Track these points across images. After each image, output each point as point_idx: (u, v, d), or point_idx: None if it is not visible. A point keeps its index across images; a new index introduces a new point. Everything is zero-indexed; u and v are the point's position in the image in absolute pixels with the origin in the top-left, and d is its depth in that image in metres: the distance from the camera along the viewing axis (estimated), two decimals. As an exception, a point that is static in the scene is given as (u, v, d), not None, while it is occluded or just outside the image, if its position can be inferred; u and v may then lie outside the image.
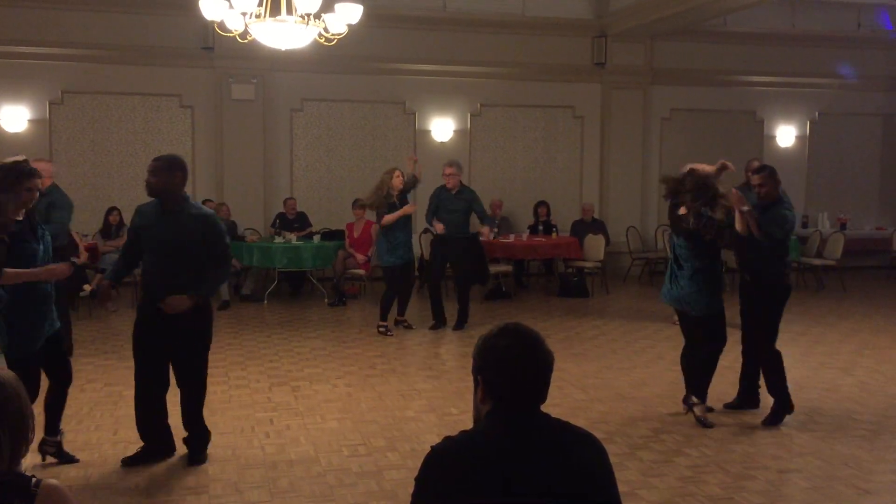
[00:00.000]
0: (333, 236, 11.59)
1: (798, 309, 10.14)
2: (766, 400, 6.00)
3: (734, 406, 6.12)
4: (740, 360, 6.22)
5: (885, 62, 14.83)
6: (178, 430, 5.05)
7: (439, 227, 9.05)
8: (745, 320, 6.05)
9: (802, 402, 6.21)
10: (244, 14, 7.53)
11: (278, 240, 11.07)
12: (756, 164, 9.59)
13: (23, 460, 2.11)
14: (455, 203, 9.04)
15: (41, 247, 4.59)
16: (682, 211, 5.68)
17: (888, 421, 5.94)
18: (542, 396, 2.12)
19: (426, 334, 8.95)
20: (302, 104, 12.79)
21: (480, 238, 9.75)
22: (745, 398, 6.14)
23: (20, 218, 4.47)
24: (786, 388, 5.85)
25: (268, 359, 7.76)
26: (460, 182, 9.13)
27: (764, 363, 5.91)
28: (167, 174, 4.76)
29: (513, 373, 2.07)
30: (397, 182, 8.73)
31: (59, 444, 4.94)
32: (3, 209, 4.30)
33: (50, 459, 4.92)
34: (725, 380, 6.42)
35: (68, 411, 5.51)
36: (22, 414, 2.02)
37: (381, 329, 8.81)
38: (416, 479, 2.06)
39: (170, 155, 5.00)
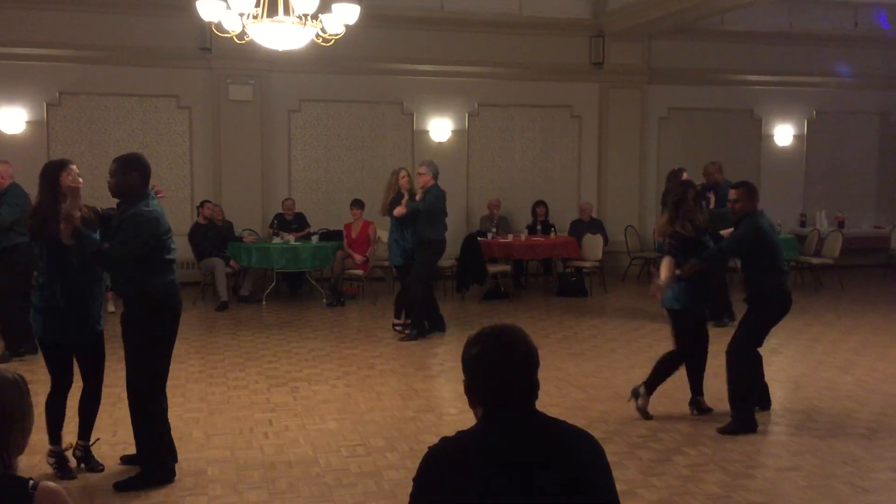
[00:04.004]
0: (331, 237, 11.59)
1: (796, 308, 10.01)
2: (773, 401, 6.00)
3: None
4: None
5: (882, 61, 14.83)
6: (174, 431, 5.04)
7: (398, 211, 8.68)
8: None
9: (800, 401, 6.22)
10: (241, 15, 7.53)
11: (276, 240, 11.06)
12: (713, 167, 9.57)
13: (20, 463, 2.08)
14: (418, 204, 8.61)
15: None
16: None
17: (886, 419, 5.94)
18: (533, 394, 2.12)
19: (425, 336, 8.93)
20: (300, 105, 12.78)
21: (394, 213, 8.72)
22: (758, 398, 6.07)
23: None
24: (752, 403, 5.66)
25: (266, 359, 7.76)
26: (433, 182, 8.70)
27: (731, 364, 5.67)
28: (122, 174, 4.71)
29: (494, 379, 2.08)
30: (402, 182, 8.73)
31: (86, 448, 4.92)
32: None
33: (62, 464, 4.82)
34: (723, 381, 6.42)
35: (67, 412, 5.52)
36: (8, 414, 1.99)
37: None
38: (414, 480, 2.07)
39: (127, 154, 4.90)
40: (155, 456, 4.67)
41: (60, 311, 4.69)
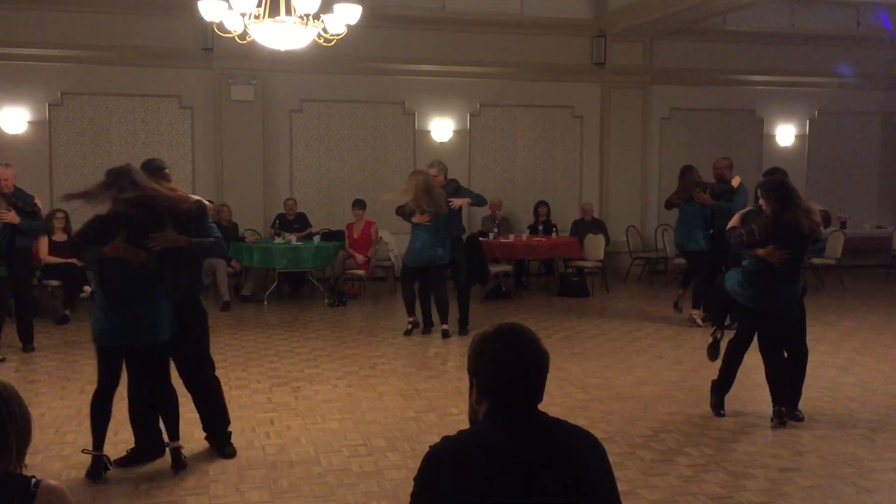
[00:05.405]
0: (333, 237, 11.60)
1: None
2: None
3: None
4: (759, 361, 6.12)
5: (885, 61, 14.82)
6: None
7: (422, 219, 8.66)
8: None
9: (802, 402, 6.20)
10: (243, 15, 7.54)
11: (278, 240, 11.07)
12: (724, 162, 9.51)
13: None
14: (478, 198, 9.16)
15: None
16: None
17: (888, 419, 5.93)
18: (538, 397, 2.13)
19: (426, 336, 8.93)
20: (301, 105, 12.79)
21: (451, 206, 8.79)
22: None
23: None
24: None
25: (268, 359, 7.76)
26: (444, 181, 8.88)
27: (803, 363, 5.99)
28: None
29: (505, 376, 2.09)
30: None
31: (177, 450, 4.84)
32: None
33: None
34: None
35: (69, 411, 5.54)
36: (26, 415, 2.04)
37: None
38: (416, 479, 2.07)
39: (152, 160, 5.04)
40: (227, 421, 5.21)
41: (106, 315, 4.63)
